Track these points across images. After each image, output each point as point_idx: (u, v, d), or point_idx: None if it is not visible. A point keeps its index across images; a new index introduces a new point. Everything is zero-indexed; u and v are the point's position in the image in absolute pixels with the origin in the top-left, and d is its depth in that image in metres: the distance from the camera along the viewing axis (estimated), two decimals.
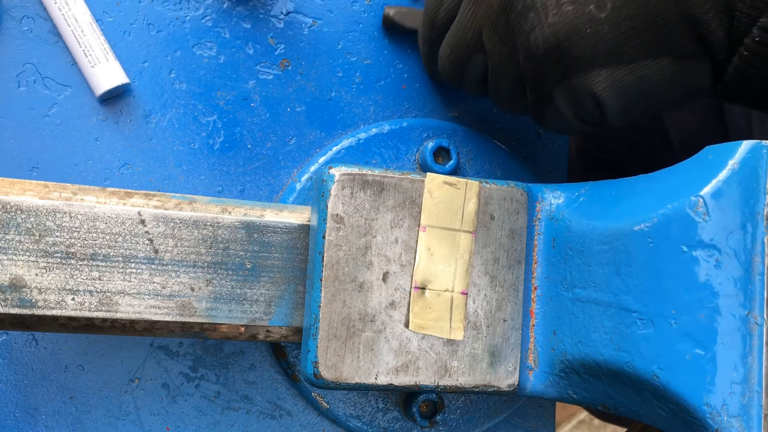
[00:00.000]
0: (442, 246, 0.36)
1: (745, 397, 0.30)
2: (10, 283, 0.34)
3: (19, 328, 0.35)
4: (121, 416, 0.42)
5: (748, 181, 0.31)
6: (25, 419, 0.41)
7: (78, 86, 0.43)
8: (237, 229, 0.37)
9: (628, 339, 0.33)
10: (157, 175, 0.44)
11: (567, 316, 0.36)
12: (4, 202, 0.34)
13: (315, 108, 0.46)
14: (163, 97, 0.44)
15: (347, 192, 0.35)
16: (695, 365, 0.31)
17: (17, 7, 0.42)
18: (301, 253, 0.38)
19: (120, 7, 0.44)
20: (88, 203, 0.35)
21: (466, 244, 0.36)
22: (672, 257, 0.32)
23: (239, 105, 0.45)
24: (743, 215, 0.31)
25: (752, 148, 0.31)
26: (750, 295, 0.30)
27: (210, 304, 0.36)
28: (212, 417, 0.43)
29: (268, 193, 0.45)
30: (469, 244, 0.36)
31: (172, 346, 0.43)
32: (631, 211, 0.34)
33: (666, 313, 0.31)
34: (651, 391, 0.32)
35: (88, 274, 0.35)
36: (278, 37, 0.46)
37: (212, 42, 0.45)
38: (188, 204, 0.37)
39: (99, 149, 0.43)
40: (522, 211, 0.38)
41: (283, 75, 0.46)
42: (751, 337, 0.30)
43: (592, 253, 0.35)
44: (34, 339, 0.42)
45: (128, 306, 0.35)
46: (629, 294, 0.33)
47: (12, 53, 0.42)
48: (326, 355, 0.35)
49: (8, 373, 0.42)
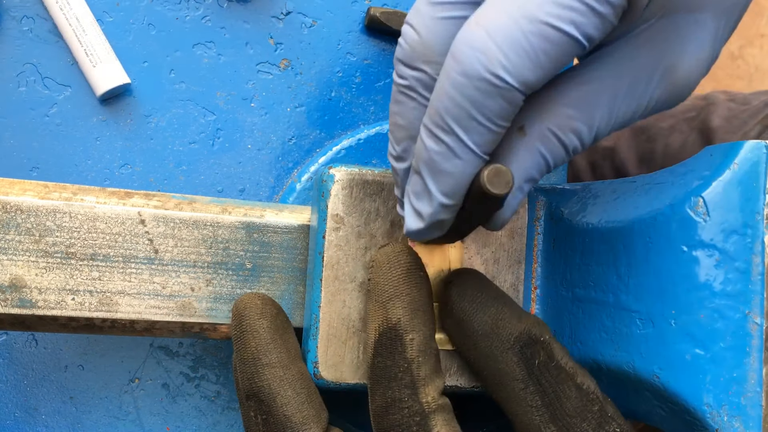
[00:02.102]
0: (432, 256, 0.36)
1: (745, 397, 0.30)
2: (10, 283, 0.34)
3: (19, 328, 0.35)
4: (121, 416, 0.42)
5: (748, 181, 0.31)
6: (25, 419, 0.42)
7: (78, 86, 0.43)
8: (237, 229, 0.37)
9: (628, 339, 0.33)
10: (157, 175, 0.44)
11: (567, 316, 0.36)
12: (4, 202, 0.34)
13: (315, 108, 0.46)
14: (163, 97, 0.44)
15: (347, 192, 0.35)
16: (695, 365, 0.31)
17: (17, 7, 0.42)
18: (301, 253, 0.38)
19: (120, 7, 0.44)
20: (88, 203, 0.35)
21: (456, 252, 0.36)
22: (672, 257, 0.32)
23: (239, 105, 0.45)
24: (743, 215, 0.31)
25: (753, 148, 0.31)
26: (750, 295, 0.31)
27: (210, 304, 0.36)
28: (212, 417, 0.43)
29: (268, 193, 0.45)
30: (459, 251, 0.36)
31: (172, 346, 0.43)
32: (631, 211, 0.34)
33: (666, 313, 0.31)
34: (651, 391, 0.32)
35: (88, 274, 0.35)
36: (278, 37, 0.46)
37: (212, 42, 0.45)
38: (188, 204, 0.37)
39: (99, 149, 0.43)
40: (522, 211, 0.38)
41: (283, 75, 0.46)
42: (751, 337, 0.30)
43: (592, 253, 0.35)
44: (34, 339, 0.42)
45: (128, 306, 0.35)
46: (629, 294, 0.33)
47: (12, 53, 0.42)
48: (326, 355, 0.35)
49: (8, 373, 0.42)
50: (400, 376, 0.31)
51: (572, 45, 0.27)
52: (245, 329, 0.33)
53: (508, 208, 0.31)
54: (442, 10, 0.28)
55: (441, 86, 0.27)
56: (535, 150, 0.29)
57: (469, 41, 0.26)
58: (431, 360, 0.32)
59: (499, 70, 0.26)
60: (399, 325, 0.32)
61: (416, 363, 0.31)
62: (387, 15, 0.46)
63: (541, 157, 0.30)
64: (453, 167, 0.28)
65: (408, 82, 0.29)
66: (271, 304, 0.35)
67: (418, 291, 0.33)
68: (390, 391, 0.31)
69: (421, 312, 0.32)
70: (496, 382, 0.32)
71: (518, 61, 0.26)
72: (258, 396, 0.32)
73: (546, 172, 0.30)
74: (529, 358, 0.32)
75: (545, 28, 0.26)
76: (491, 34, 0.26)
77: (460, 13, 0.28)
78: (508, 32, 0.26)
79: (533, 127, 0.29)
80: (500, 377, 0.32)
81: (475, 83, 0.26)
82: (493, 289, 0.34)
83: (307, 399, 0.33)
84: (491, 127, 0.27)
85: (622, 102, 0.30)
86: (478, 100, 0.27)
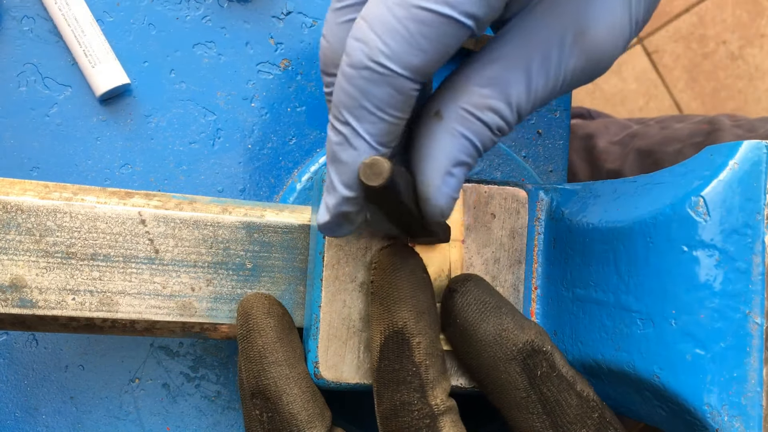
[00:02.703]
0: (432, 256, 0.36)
1: (745, 397, 0.30)
2: (11, 283, 0.34)
3: (20, 328, 0.35)
4: (121, 416, 0.42)
5: (748, 180, 0.31)
6: (25, 419, 0.42)
7: (78, 86, 0.43)
8: (237, 229, 0.37)
9: (628, 339, 0.33)
10: (158, 175, 0.44)
11: (567, 316, 0.36)
12: (5, 202, 0.34)
13: (315, 108, 0.46)
14: (163, 97, 0.44)
15: None
16: (695, 365, 0.31)
17: (17, 7, 0.42)
18: (301, 253, 0.38)
19: (120, 7, 0.44)
20: (89, 203, 0.35)
21: (457, 252, 0.36)
22: (672, 257, 0.32)
23: (239, 105, 0.45)
24: (744, 215, 0.31)
25: (753, 147, 0.31)
26: (750, 295, 0.31)
27: (210, 304, 0.36)
28: (212, 417, 0.43)
29: (268, 193, 0.45)
30: (459, 251, 0.36)
31: (172, 346, 0.43)
32: (632, 211, 0.34)
33: (666, 313, 0.31)
34: (651, 391, 0.32)
35: (88, 274, 0.35)
36: (279, 37, 0.46)
37: (212, 42, 0.45)
38: (189, 204, 0.37)
39: (99, 149, 0.43)
40: (522, 211, 0.38)
41: (284, 75, 0.46)
42: (752, 337, 0.30)
43: (592, 253, 0.35)
44: (35, 339, 0.42)
45: (129, 306, 0.35)
46: (629, 294, 0.33)
47: (12, 53, 0.42)
48: (326, 355, 0.35)
49: (9, 373, 0.42)
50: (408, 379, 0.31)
51: (454, 25, 0.27)
52: (252, 327, 0.33)
53: (441, 195, 0.30)
54: (342, 14, 0.29)
55: (337, 80, 0.28)
56: (456, 132, 0.29)
57: (354, 34, 0.27)
58: (438, 362, 0.32)
59: (380, 57, 0.26)
60: (405, 329, 0.32)
61: (424, 366, 0.32)
62: None
63: (464, 138, 0.29)
64: (349, 157, 0.28)
65: (328, 89, 0.30)
66: (278, 304, 0.35)
67: (423, 293, 0.33)
68: (398, 394, 0.31)
69: (427, 314, 0.32)
70: (498, 390, 0.33)
71: (397, 47, 0.26)
72: (264, 394, 0.32)
73: (477, 155, 0.30)
74: (531, 368, 0.32)
75: (418, 11, 0.26)
76: (370, 24, 0.27)
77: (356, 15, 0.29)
78: (384, 19, 0.26)
79: (449, 110, 0.29)
80: (502, 386, 0.32)
81: (361, 73, 0.27)
82: (496, 297, 0.34)
83: (312, 398, 0.33)
84: (382, 116, 0.27)
85: (536, 75, 0.30)
86: (365, 88, 0.27)
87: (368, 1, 0.28)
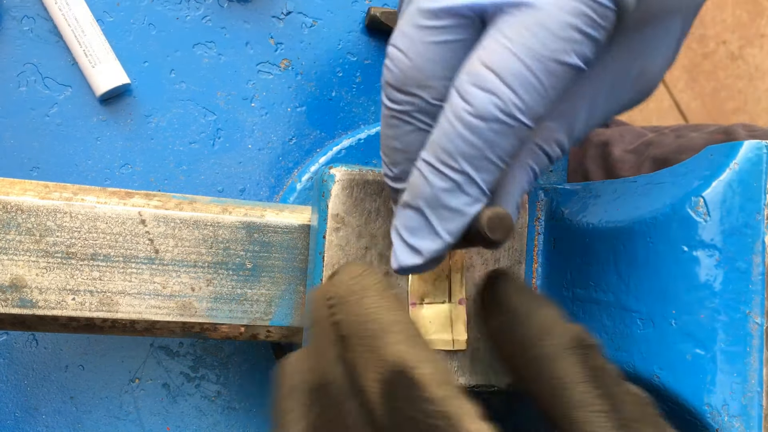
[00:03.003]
0: None
1: (746, 397, 0.30)
2: (11, 283, 0.34)
3: (20, 328, 0.35)
4: (121, 416, 0.42)
5: (748, 181, 0.31)
6: (25, 419, 0.41)
7: (78, 86, 0.43)
8: (237, 229, 0.37)
9: (629, 339, 0.33)
10: (158, 175, 0.44)
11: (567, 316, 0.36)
12: (5, 202, 0.34)
13: (315, 108, 0.46)
14: (163, 97, 0.44)
15: (348, 192, 0.35)
16: (695, 365, 0.31)
17: (17, 7, 0.42)
18: (301, 253, 0.38)
19: (120, 7, 0.44)
20: (89, 203, 0.35)
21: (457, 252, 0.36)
22: (672, 257, 0.32)
23: (240, 105, 0.45)
24: (744, 215, 0.31)
25: (753, 147, 0.31)
26: (750, 295, 0.31)
27: (210, 304, 0.36)
28: (212, 417, 0.43)
29: (268, 193, 0.45)
30: (459, 251, 0.36)
31: (172, 346, 0.43)
32: (632, 211, 0.34)
33: (666, 313, 0.31)
34: (651, 391, 0.32)
35: (88, 274, 0.35)
36: (279, 37, 0.46)
37: (212, 42, 0.45)
38: (189, 204, 0.37)
39: (99, 149, 0.43)
40: (522, 211, 0.38)
41: (283, 75, 0.46)
42: (751, 337, 0.30)
43: (592, 253, 0.35)
44: (35, 339, 0.42)
45: (129, 306, 0.35)
46: (629, 294, 0.33)
47: (12, 53, 0.42)
48: None
49: (8, 373, 0.42)
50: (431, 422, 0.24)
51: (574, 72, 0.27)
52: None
53: None
54: (433, 34, 0.28)
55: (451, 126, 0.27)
56: (526, 165, 0.30)
57: (479, 82, 0.27)
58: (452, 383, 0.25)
59: (514, 111, 0.26)
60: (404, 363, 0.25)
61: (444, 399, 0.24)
62: (387, 15, 0.46)
63: (531, 170, 0.31)
64: (459, 204, 0.28)
65: (402, 107, 0.29)
66: None
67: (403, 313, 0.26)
68: None
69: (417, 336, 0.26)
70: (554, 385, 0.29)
71: (530, 100, 0.27)
72: None
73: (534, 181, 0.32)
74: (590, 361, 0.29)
75: (551, 64, 0.26)
76: (501, 76, 0.26)
77: (452, 38, 0.28)
78: (517, 72, 0.26)
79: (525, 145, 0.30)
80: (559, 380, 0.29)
81: (491, 125, 0.27)
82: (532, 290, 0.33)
83: None
84: (501, 165, 0.28)
85: (599, 108, 0.31)
86: (493, 140, 0.27)
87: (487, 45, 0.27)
